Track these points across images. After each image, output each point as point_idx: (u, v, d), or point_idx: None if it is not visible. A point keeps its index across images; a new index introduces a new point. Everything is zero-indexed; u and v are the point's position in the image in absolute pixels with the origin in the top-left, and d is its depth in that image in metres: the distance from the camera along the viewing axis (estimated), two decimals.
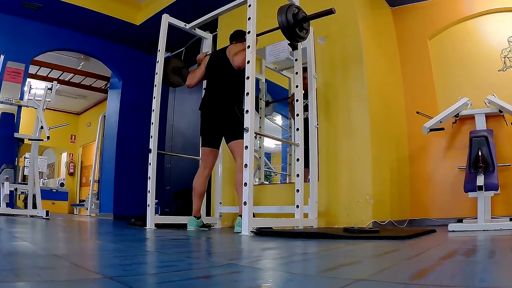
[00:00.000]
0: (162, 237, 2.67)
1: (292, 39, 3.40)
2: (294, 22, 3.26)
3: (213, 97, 3.87)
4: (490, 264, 1.37)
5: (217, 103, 3.81)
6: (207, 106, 3.89)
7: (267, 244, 2.21)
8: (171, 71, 4.43)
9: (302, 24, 3.35)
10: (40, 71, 9.31)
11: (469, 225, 3.33)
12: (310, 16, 3.41)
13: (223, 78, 3.84)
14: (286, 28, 3.26)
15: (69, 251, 1.69)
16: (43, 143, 6.39)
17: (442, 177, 4.82)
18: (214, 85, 3.93)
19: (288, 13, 3.24)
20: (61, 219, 6.05)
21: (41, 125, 5.90)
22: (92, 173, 9.60)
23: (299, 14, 3.33)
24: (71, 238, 2.56)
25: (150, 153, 3.89)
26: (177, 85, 4.59)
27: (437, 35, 5.20)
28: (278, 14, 3.26)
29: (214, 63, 3.99)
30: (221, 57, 3.90)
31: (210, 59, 4.07)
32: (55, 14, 6.43)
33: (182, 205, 5.45)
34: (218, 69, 3.91)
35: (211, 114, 3.85)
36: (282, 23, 3.25)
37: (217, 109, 3.80)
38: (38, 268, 1.13)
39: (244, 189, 2.99)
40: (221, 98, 3.78)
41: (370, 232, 2.72)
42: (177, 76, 4.50)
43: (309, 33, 3.52)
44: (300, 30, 3.34)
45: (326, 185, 4.16)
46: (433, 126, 4.01)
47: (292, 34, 3.31)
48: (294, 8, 3.33)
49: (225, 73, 3.81)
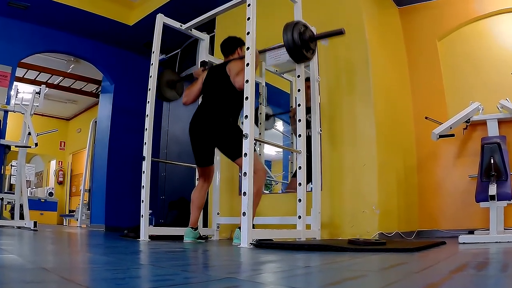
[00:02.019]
0: (157, 250, 2.67)
1: (297, 59, 3.41)
2: (301, 42, 3.25)
3: (207, 113, 3.79)
4: (503, 278, 1.38)
5: (212, 120, 3.73)
6: (198, 125, 3.81)
7: (267, 257, 2.21)
8: (165, 85, 4.38)
9: (309, 44, 3.34)
10: (28, 74, 9.30)
11: (481, 237, 3.33)
12: (317, 35, 3.43)
13: (220, 95, 3.79)
14: (291, 48, 3.26)
15: (58, 264, 1.69)
16: (31, 150, 6.39)
17: (452, 186, 4.82)
18: (209, 101, 3.87)
19: (294, 31, 3.23)
20: (50, 230, 6.05)
21: (29, 131, 5.91)
22: (83, 182, 9.58)
23: (306, 33, 3.32)
24: (60, 250, 2.56)
25: (144, 161, 3.89)
26: (171, 99, 4.52)
27: (447, 36, 5.22)
28: (284, 31, 3.26)
29: (212, 79, 3.95)
30: (220, 73, 3.83)
31: (208, 75, 4.02)
32: (43, 14, 6.44)
33: (177, 215, 5.44)
34: (216, 85, 3.87)
35: (204, 132, 3.77)
36: (287, 43, 3.24)
37: (212, 125, 3.72)
38: (26, 283, 1.13)
39: (243, 198, 2.99)
40: (218, 114, 3.72)
41: (376, 244, 2.73)
42: (172, 90, 4.46)
43: (315, 53, 3.52)
44: (307, 50, 3.33)
45: (330, 195, 4.16)
46: (442, 132, 4.02)
47: (298, 55, 3.31)
48: (301, 26, 3.32)
49: (223, 90, 3.75)
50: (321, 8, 4.67)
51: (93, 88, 10.56)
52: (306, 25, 3.41)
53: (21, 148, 6.11)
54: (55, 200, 12.46)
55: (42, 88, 6.53)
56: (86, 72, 9.43)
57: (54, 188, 12.96)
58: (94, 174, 8.05)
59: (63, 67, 9.19)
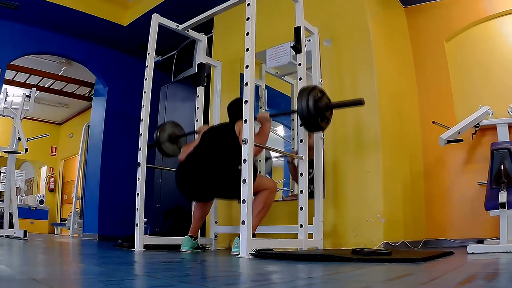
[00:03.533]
0: (152, 260, 2.67)
1: (310, 129, 3.42)
2: (315, 110, 3.19)
3: (201, 163, 3.66)
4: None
5: (213, 171, 3.58)
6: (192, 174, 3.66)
7: (267, 267, 2.22)
8: (166, 139, 4.35)
9: (325, 113, 3.29)
10: (17, 76, 9.33)
11: (491, 247, 3.33)
12: (334, 104, 3.39)
13: (223, 151, 3.66)
14: (305, 117, 3.22)
15: (49, 275, 1.69)
16: (21, 156, 6.39)
17: (461, 194, 4.82)
18: (207, 154, 3.73)
19: (309, 98, 3.18)
20: (40, 239, 6.04)
21: (18, 136, 5.92)
22: (75, 189, 9.59)
23: (323, 101, 3.27)
24: (51, 260, 2.56)
25: (139, 167, 3.90)
26: (171, 155, 4.47)
27: (455, 37, 5.23)
28: (298, 96, 3.24)
29: (215, 134, 3.87)
30: (227, 129, 3.76)
31: (210, 129, 3.99)
32: (34, 14, 6.46)
33: (173, 224, 5.44)
34: (219, 141, 3.76)
35: (202, 182, 3.63)
36: (301, 111, 3.20)
37: (213, 176, 3.57)
38: None
39: (242, 206, 2.99)
40: (218, 165, 3.58)
41: (381, 254, 2.73)
42: (173, 144, 4.42)
43: (330, 122, 3.45)
44: (322, 120, 3.28)
45: (333, 203, 4.16)
46: (450, 138, 4.02)
47: (312, 124, 3.29)
48: (317, 92, 3.27)
49: (227, 147, 3.63)
50: (323, 8, 4.68)
51: (86, 91, 10.58)
52: (323, 91, 3.35)
53: (10, 154, 6.11)
54: (46, 208, 12.45)
55: (33, 91, 6.54)
56: (78, 75, 9.44)
57: (45, 195, 12.95)
58: (87, 181, 8.05)
59: (54, 69, 9.21)
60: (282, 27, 4.78)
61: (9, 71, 8.12)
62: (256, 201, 3.47)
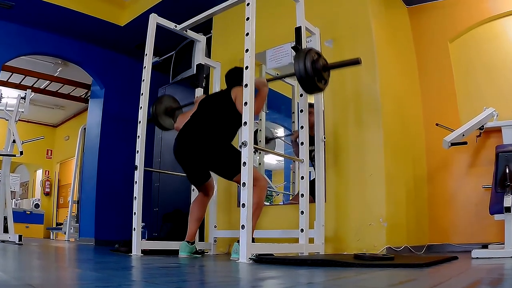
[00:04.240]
0: (150, 265, 2.67)
1: (309, 90, 3.42)
2: (313, 71, 3.23)
3: (200, 134, 3.69)
4: None
5: (206, 141, 3.63)
6: (191, 143, 3.70)
7: (267, 272, 2.22)
8: (163, 112, 4.38)
9: (322, 74, 3.33)
10: (12, 77, 9.33)
11: (495, 252, 3.33)
12: (331, 65, 3.41)
13: (219, 119, 3.71)
14: (304, 79, 3.24)
15: (45, 280, 1.69)
16: (16, 159, 6.39)
17: (465, 197, 4.82)
18: (203, 122, 3.78)
19: (307, 60, 3.22)
20: (36, 244, 6.04)
21: (13, 138, 5.91)
22: (71, 192, 9.59)
23: (320, 62, 3.31)
24: (47, 266, 2.56)
25: (136, 170, 3.90)
26: (168, 128, 4.50)
27: (459, 37, 5.23)
28: (295, 59, 3.26)
29: (212, 102, 3.91)
30: (224, 96, 3.80)
31: (206, 97, 4.03)
32: (29, 14, 6.45)
33: (172, 228, 5.43)
34: (216, 108, 3.80)
35: (197, 152, 3.67)
36: (299, 72, 3.23)
37: (206, 147, 3.62)
38: None
39: (242, 210, 2.99)
40: (212, 136, 3.63)
41: (384, 259, 2.73)
42: (170, 117, 4.44)
43: (328, 83, 3.49)
44: (319, 80, 3.32)
45: (334, 206, 4.16)
46: (454, 140, 4.03)
47: (310, 85, 3.30)
48: (314, 54, 3.31)
49: (224, 115, 3.70)
50: (324, 8, 4.69)
51: (82, 92, 10.58)
52: (319, 53, 3.39)
53: (5, 156, 6.11)
54: (42, 212, 12.46)
55: (28, 93, 6.53)
56: (74, 76, 9.44)
57: (41, 199, 12.95)
58: (83, 185, 8.04)
59: (50, 70, 9.20)
60: (283, 27, 4.79)
61: (4, 72, 8.13)
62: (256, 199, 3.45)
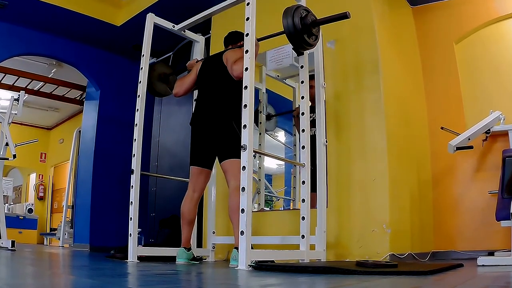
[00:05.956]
0: (146, 272, 2.67)
1: (299, 46, 3.43)
2: (302, 26, 3.28)
3: (206, 109, 3.89)
4: None
5: (211, 116, 3.83)
6: (199, 120, 3.90)
7: (267, 280, 2.22)
8: (156, 78, 4.46)
9: (311, 30, 3.37)
10: (5, 79, 9.30)
11: (502, 259, 3.33)
12: (320, 20, 3.43)
13: (219, 88, 3.87)
14: (292, 34, 3.29)
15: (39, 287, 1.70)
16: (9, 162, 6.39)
17: (471, 203, 4.81)
18: (207, 95, 3.95)
19: (295, 16, 3.27)
20: (29, 250, 6.04)
21: (6, 141, 5.91)
22: (65, 197, 9.58)
23: (308, 17, 3.35)
24: (40, 272, 2.56)
25: (133, 174, 3.90)
26: (163, 94, 4.62)
27: (465, 38, 5.23)
28: (283, 16, 3.29)
29: (208, 70, 4.02)
30: (217, 64, 3.92)
31: (203, 66, 4.10)
32: (22, 14, 6.45)
33: (169, 234, 5.45)
34: (213, 77, 3.94)
35: (204, 129, 3.86)
36: (288, 28, 3.28)
37: (211, 123, 3.82)
38: None
39: (241, 216, 2.99)
40: (216, 110, 3.81)
41: (387, 267, 2.73)
42: (164, 83, 4.52)
43: (318, 39, 3.54)
44: (309, 36, 3.37)
45: (336, 212, 4.16)
46: (460, 144, 4.03)
47: (299, 40, 3.34)
48: (302, 10, 3.36)
49: (221, 82, 3.84)
50: (326, 8, 4.68)
51: (77, 94, 10.56)
52: (307, 9, 3.44)
53: None
54: (35, 217, 12.42)
55: (21, 95, 6.53)
56: (69, 77, 9.42)
57: (34, 204, 12.91)
58: (78, 189, 8.05)
59: (44, 71, 9.19)
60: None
61: None
62: (234, 206, 3.44)
